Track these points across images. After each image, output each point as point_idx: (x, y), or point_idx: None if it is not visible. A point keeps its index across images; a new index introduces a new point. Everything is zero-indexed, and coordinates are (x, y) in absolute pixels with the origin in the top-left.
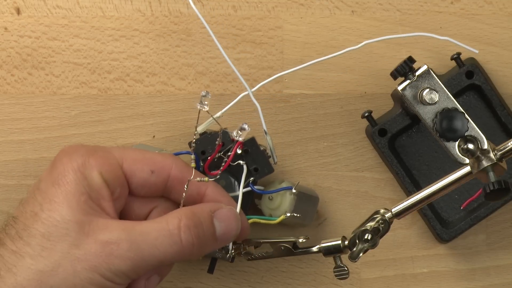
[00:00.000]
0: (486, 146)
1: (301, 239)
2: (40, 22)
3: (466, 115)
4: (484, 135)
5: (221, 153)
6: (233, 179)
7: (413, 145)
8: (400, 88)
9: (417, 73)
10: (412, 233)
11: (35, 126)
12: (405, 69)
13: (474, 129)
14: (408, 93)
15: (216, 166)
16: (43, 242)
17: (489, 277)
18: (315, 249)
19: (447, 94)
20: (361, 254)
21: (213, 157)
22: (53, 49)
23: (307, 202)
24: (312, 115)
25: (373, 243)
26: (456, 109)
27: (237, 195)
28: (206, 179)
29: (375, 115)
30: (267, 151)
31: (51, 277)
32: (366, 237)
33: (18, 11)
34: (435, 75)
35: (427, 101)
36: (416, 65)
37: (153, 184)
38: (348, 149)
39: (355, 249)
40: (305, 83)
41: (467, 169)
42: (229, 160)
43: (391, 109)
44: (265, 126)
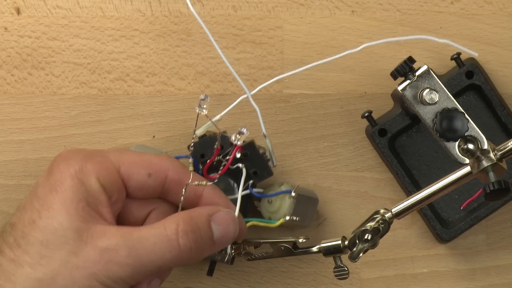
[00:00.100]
0: (486, 146)
1: (301, 239)
2: (40, 22)
3: (466, 115)
4: (484, 135)
5: (220, 156)
6: (232, 181)
7: (413, 145)
8: (400, 88)
9: (417, 73)
10: (412, 233)
11: (35, 126)
12: (405, 69)
13: (474, 129)
14: (408, 93)
15: (215, 169)
16: (42, 250)
17: (489, 277)
18: (315, 249)
19: (447, 94)
20: (361, 254)
21: (212, 161)
22: (53, 49)
23: (307, 204)
24: (312, 115)
25: (373, 243)
26: (456, 109)
27: (236, 198)
28: (205, 183)
29: (375, 115)
30: (266, 153)
31: (50, 285)
32: (366, 237)
33: (18, 11)
34: (435, 75)
35: (427, 101)
36: (416, 65)
37: (150, 186)
38: (348, 149)
39: (355, 249)
40: (305, 83)
41: (467, 169)
42: (227, 164)
43: (391, 109)
44: (264, 130)
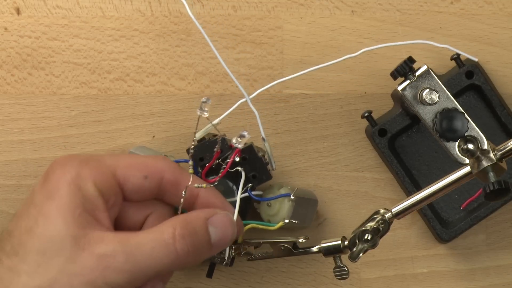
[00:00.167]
0: (486, 146)
1: (301, 239)
2: (40, 22)
3: (466, 115)
4: (484, 135)
5: (219, 160)
6: (231, 184)
7: (413, 145)
8: (400, 88)
9: (417, 73)
10: (412, 233)
11: (35, 126)
12: (405, 69)
13: (474, 129)
14: (408, 93)
15: (214, 172)
16: (39, 258)
17: (489, 277)
18: (315, 249)
19: (447, 94)
20: (361, 254)
21: (211, 164)
22: (53, 49)
23: (306, 206)
24: (312, 115)
25: (373, 243)
26: (456, 109)
27: (236, 201)
28: (204, 185)
29: (375, 115)
30: (265, 156)
31: None
32: (366, 237)
33: (18, 11)
34: (435, 75)
35: (427, 101)
36: (416, 65)
37: (147, 189)
38: (348, 149)
39: (355, 249)
40: (305, 83)
41: (467, 169)
42: (226, 167)
43: (391, 109)
44: (263, 133)
